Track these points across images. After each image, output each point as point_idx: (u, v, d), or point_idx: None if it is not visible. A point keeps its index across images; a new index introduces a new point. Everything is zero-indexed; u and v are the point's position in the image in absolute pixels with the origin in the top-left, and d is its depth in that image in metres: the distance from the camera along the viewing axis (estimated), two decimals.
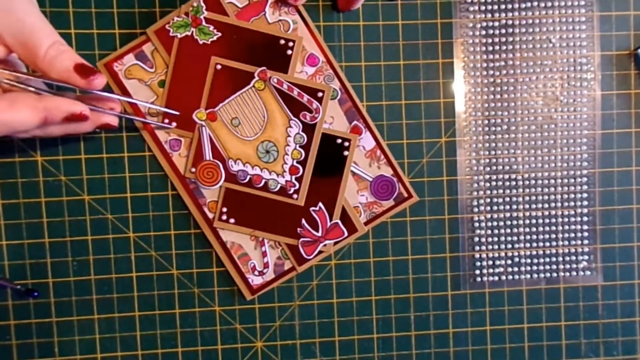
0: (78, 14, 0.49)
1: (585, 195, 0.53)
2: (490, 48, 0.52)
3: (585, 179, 0.53)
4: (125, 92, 0.49)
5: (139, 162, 0.50)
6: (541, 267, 0.53)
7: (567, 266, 0.53)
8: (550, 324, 0.54)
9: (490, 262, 0.53)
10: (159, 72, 0.49)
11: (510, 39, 0.52)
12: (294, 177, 0.50)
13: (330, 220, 0.51)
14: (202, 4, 0.49)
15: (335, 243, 0.51)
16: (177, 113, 0.49)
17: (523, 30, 0.52)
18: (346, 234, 0.51)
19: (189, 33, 0.49)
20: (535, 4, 0.51)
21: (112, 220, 0.50)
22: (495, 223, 0.53)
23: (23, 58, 0.41)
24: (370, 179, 0.51)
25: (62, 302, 0.50)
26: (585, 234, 0.53)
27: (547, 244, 0.53)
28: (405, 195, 0.52)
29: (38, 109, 0.40)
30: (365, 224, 0.51)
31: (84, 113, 0.42)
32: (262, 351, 0.52)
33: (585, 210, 0.53)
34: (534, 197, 0.53)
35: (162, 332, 0.51)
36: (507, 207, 0.53)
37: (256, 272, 0.51)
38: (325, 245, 0.51)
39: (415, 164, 0.52)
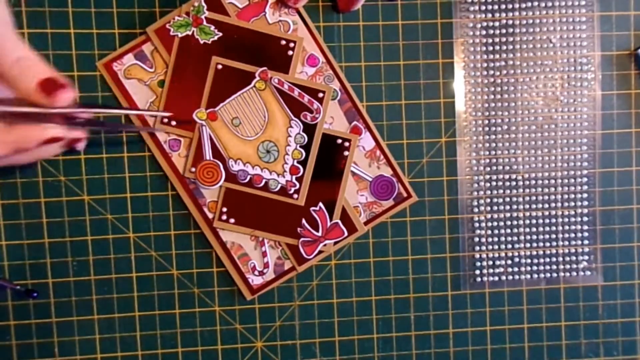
0: (77, 13, 0.49)
1: (585, 195, 0.53)
2: (491, 48, 0.52)
3: (585, 179, 0.53)
4: (124, 92, 0.49)
5: (138, 162, 0.50)
6: (541, 267, 0.53)
7: (567, 266, 0.53)
8: (551, 324, 0.54)
9: (490, 262, 0.53)
10: (159, 72, 0.49)
11: (511, 39, 0.52)
12: (294, 177, 0.50)
13: (331, 220, 0.51)
14: (203, 3, 0.49)
15: (335, 243, 0.51)
16: (167, 114, 0.49)
17: (523, 30, 0.52)
18: (346, 233, 0.51)
19: (190, 32, 0.49)
20: (536, 4, 0.51)
21: (111, 221, 0.50)
22: (495, 223, 0.53)
23: None
24: (370, 179, 0.51)
25: (62, 303, 0.50)
26: (586, 234, 0.53)
27: (547, 244, 0.53)
28: (405, 195, 0.52)
29: (7, 144, 0.37)
30: (365, 223, 0.51)
31: (56, 136, 0.38)
32: (262, 351, 0.52)
33: (585, 210, 0.53)
34: (534, 197, 0.53)
35: (162, 333, 0.51)
36: (507, 207, 0.53)
37: (256, 272, 0.51)
38: (325, 245, 0.51)
39: (415, 164, 0.52)
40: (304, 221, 0.51)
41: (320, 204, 0.51)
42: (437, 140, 0.52)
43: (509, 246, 0.53)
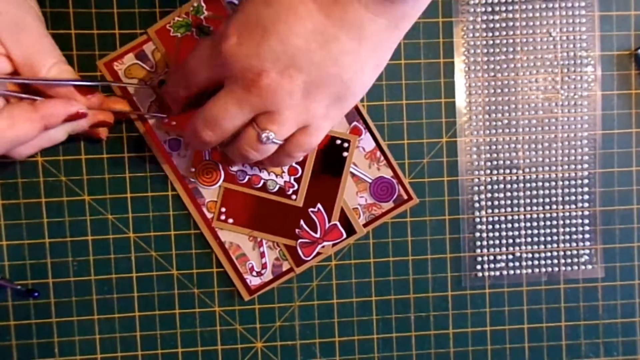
0: (78, 14, 0.49)
1: (586, 196, 0.53)
2: (492, 50, 0.51)
3: (585, 180, 0.53)
4: (124, 91, 0.49)
5: (139, 162, 0.50)
6: (542, 270, 0.53)
7: (569, 268, 0.53)
8: (551, 325, 0.54)
9: (492, 264, 0.53)
10: (160, 72, 0.49)
11: (511, 40, 0.51)
12: (292, 177, 0.50)
13: (329, 221, 0.51)
14: (202, 4, 0.49)
15: (334, 245, 0.51)
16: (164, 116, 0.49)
17: (524, 31, 0.51)
18: (345, 235, 0.51)
19: (190, 33, 0.49)
20: (536, 4, 0.51)
21: (112, 221, 0.50)
22: (496, 224, 0.52)
23: (25, 75, 0.41)
24: (370, 181, 0.51)
25: (62, 303, 0.50)
26: (587, 235, 0.53)
27: (549, 245, 0.53)
28: (405, 197, 0.51)
29: (35, 120, 0.40)
30: (364, 225, 0.51)
31: (81, 112, 0.42)
32: (262, 352, 0.52)
33: (586, 212, 0.53)
34: (534, 199, 0.52)
35: (162, 333, 0.51)
36: (508, 208, 0.52)
37: (254, 273, 0.51)
38: (323, 246, 0.51)
39: (416, 165, 0.52)
40: (302, 222, 0.50)
41: (319, 205, 0.51)
42: (438, 140, 0.52)
43: (510, 247, 0.53)
